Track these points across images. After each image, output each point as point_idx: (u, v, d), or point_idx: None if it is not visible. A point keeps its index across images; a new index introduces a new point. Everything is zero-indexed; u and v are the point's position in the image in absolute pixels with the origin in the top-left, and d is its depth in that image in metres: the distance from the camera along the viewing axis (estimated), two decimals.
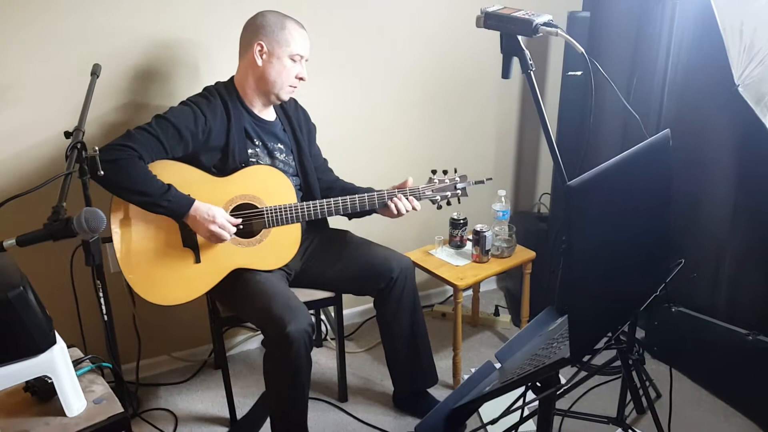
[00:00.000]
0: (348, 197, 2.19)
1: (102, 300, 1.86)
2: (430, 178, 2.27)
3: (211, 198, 2.08)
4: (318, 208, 2.16)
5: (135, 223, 2.03)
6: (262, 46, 2.11)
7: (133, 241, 2.05)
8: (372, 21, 2.69)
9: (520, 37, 1.65)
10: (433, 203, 2.28)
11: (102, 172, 1.77)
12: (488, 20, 1.65)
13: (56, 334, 1.56)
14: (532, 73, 1.66)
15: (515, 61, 1.69)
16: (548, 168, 3.34)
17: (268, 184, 2.15)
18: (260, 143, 2.20)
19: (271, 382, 2.10)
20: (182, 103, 2.11)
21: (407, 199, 2.24)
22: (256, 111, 2.21)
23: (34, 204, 1.75)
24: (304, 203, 2.16)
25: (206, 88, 2.18)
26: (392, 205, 2.21)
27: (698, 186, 2.59)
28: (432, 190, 2.26)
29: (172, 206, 1.97)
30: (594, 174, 1.15)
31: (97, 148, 1.81)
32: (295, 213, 2.15)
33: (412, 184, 2.25)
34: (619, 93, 2.01)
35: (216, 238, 2.05)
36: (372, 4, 2.67)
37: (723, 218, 2.53)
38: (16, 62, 2.16)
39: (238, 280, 2.14)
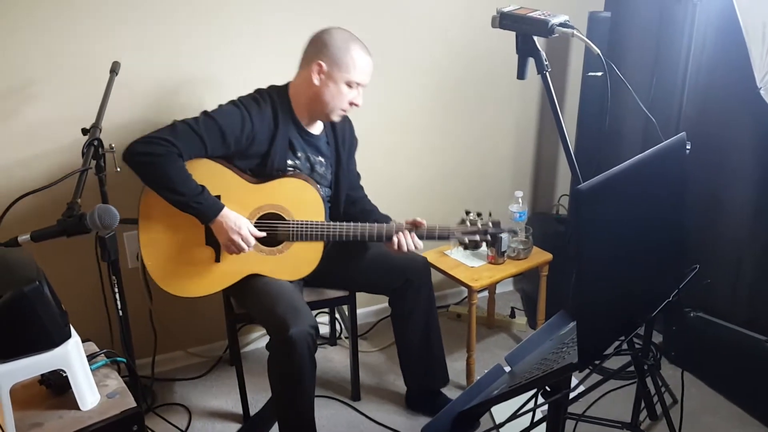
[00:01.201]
0: (368, 225, 2.14)
1: (117, 295, 1.88)
2: (463, 219, 2.20)
3: (241, 203, 2.08)
4: (342, 231, 2.13)
5: (163, 213, 2.03)
6: (321, 66, 2.07)
7: (158, 230, 2.07)
8: (389, 21, 2.69)
9: (535, 38, 1.63)
10: (460, 243, 2.22)
11: (126, 162, 1.76)
12: (504, 20, 1.64)
13: (71, 328, 1.59)
14: (547, 73, 1.64)
15: (531, 61, 1.67)
16: (568, 169, 3.28)
17: (300, 198, 2.13)
18: (302, 155, 2.18)
19: (275, 384, 2.11)
20: (233, 102, 2.08)
21: (411, 237, 2.16)
22: (304, 124, 2.18)
23: (51, 200, 1.78)
24: (330, 224, 2.14)
25: (259, 92, 2.14)
26: (395, 240, 2.15)
27: (718, 189, 2.55)
28: (462, 233, 2.19)
29: (202, 209, 1.97)
30: (605, 177, 1.13)
31: (113, 145, 1.83)
32: (319, 231, 2.13)
33: (425, 224, 2.17)
34: (636, 95, 1.98)
35: (235, 248, 2.05)
36: (389, 5, 2.66)
37: (743, 222, 2.49)
38: (36, 59, 2.19)
39: (248, 279, 2.15)
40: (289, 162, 2.15)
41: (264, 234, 2.11)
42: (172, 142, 1.92)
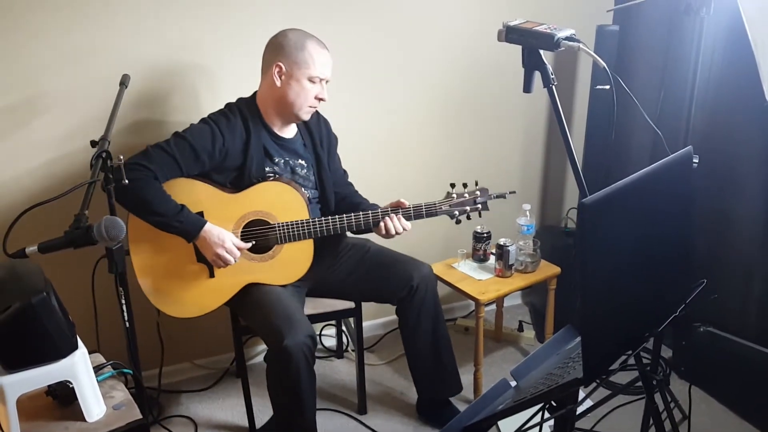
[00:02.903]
0: (353, 215, 2.17)
1: (124, 307, 1.89)
2: (448, 192, 2.22)
3: (224, 215, 2.10)
4: (329, 224, 2.15)
5: (151, 236, 2.05)
6: (281, 67, 2.10)
7: (148, 253, 2.09)
8: (396, 34, 2.70)
9: (542, 51, 1.63)
10: (452, 218, 2.23)
11: (126, 182, 1.80)
12: (510, 34, 1.63)
13: (78, 339, 1.59)
14: (554, 87, 1.64)
15: (537, 75, 1.67)
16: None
17: (280, 200, 2.16)
18: (281, 161, 2.20)
19: (274, 397, 2.11)
20: (202, 120, 2.12)
21: (398, 219, 2.18)
22: (276, 129, 2.21)
23: (59, 212, 1.79)
24: (315, 219, 2.15)
25: (228, 105, 2.18)
26: (382, 225, 2.17)
27: (728, 204, 2.53)
28: (450, 205, 2.21)
29: (184, 227, 2.00)
30: (609, 191, 1.13)
31: (122, 158, 1.84)
32: (306, 229, 2.15)
33: (407, 204, 2.19)
34: (643, 108, 1.98)
35: (221, 262, 2.06)
36: (395, 17, 2.68)
37: (753, 237, 2.47)
38: (46, 72, 2.22)
39: (246, 290, 2.16)
40: (267, 169, 2.17)
41: (249, 245, 2.12)
42: (145, 165, 1.96)
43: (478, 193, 2.24)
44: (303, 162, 2.26)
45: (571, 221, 3.31)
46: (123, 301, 1.89)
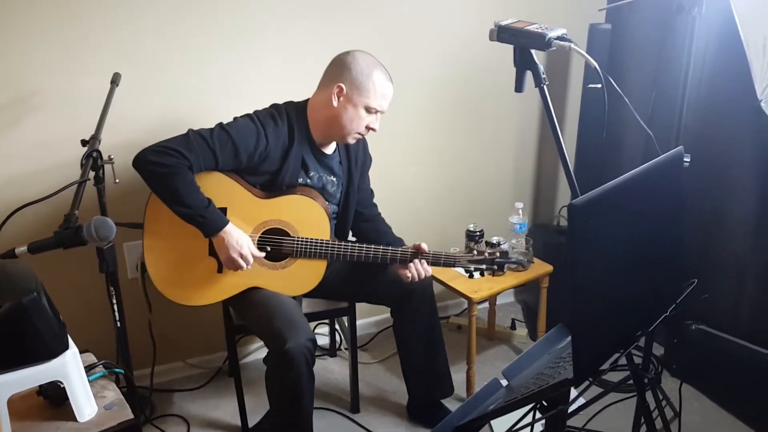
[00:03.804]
0: (373, 247, 2.14)
1: (115, 307, 1.88)
2: (470, 247, 2.21)
3: (247, 217, 2.08)
4: (347, 250, 2.13)
5: (168, 221, 2.02)
6: (341, 89, 2.06)
7: (162, 236, 2.07)
8: (389, 35, 2.69)
9: (534, 51, 1.63)
10: (466, 272, 2.23)
11: (136, 168, 1.75)
12: (501, 34, 1.63)
13: (69, 339, 1.58)
14: (545, 87, 1.64)
15: (528, 74, 1.67)
16: None
17: (306, 216, 2.12)
18: (315, 175, 2.17)
19: (273, 399, 2.11)
20: (249, 117, 2.06)
21: (421, 264, 2.17)
22: (318, 143, 2.17)
23: (50, 211, 1.78)
24: (335, 243, 2.13)
25: (276, 107, 2.13)
26: (412, 268, 2.15)
27: (719, 203, 2.54)
28: (468, 261, 2.19)
29: (207, 223, 1.96)
30: (600, 192, 1.13)
31: (113, 156, 1.84)
32: (323, 250, 2.12)
33: (428, 250, 2.17)
34: (634, 108, 1.98)
35: (233, 265, 2.04)
36: (389, 18, 2.67)
37: (745, 236, 2.48)
38: (37, 70, 2.20)
39: (248, 291, 2.15)
40: (300, 180, 2.14)
41: (263, 254, 2.10)
42: (184, 154, 1.91)
43: (497, 255, 2.21)
44: (335, 179, 2.23)
45: (563, 219, 3.32)
46: (114, 301, 1.88)
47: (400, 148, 2.88)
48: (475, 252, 2.20)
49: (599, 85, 2.71)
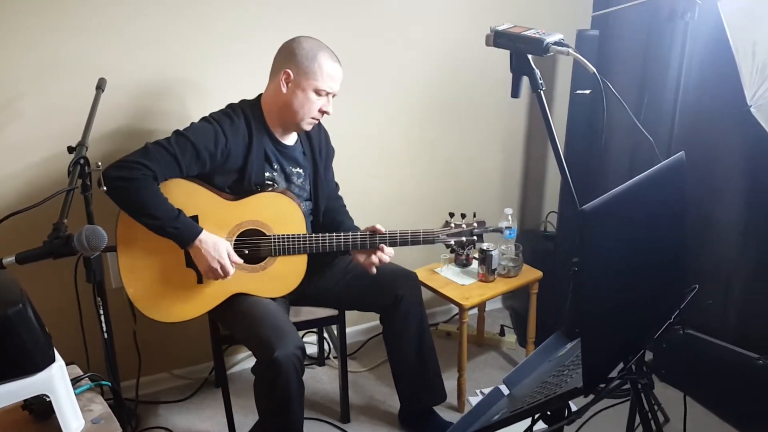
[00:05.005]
0: (351, 234, 2.13)
1: (102, 317, 1.83)
2: (447, 221, 2.20)
3: (220, 222, 2.05)
4: (325, 241, 2.11)
5: (141, 238, 1.99)
6: (289, 75, 2.06)
7: (137, 255, 2.03)
8: (380, 38, 2.68)
9: (530, 56, 1.62)
10: (447, 247, 2.22)
11: (104, 188, 1.74)
12: (498, 39, 1.62)
13: (55, 351, 1.53)
14: (542, 92, 1.63)
15: (525, 80, 1.66)
16: (555, 186, 3.31)
17: (279, 213, 2.11)
18: (278, 167, 2.16)
19: (262, 408, 2.07)
20: (204, 119, 2.06)
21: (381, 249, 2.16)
22: (277, 135, 2.16)
23: (37, 220, 1.73)
24: (312, 235, 2.11)
25: (231, 106, 2.13)
26: (374, 258, 2.14)
27: (709, 208, 2.56)
28: (447, 235, 2.19)
29: (179, 233, 1.93)
30: (607, 198, 1.12)
31: (100, 164, 1.79)
32: (302, 244, 2.11)
33: (383, 231, 2.15)
34: (627, 114, 1.98)
35: (213, 275, 2.01)
36: (380, 21, 2.66)
37: (734, 241, 2.50)
38: (21, 75, 2.15)
39: (233, 300, 2.11)
40: (267, 174, 2.13)
41: (241, 261, 2.07)
42: (146, 165, 1.89)
43: (475, 224, 2.21)
44: (300, 170, 2.22)
45: (550, 225, 3.32)
46: (101, 312, 1.83)
47: (386, 153, 2.86)
48: (452, 225, 2.20)
49: (588, 91, 2.74)
